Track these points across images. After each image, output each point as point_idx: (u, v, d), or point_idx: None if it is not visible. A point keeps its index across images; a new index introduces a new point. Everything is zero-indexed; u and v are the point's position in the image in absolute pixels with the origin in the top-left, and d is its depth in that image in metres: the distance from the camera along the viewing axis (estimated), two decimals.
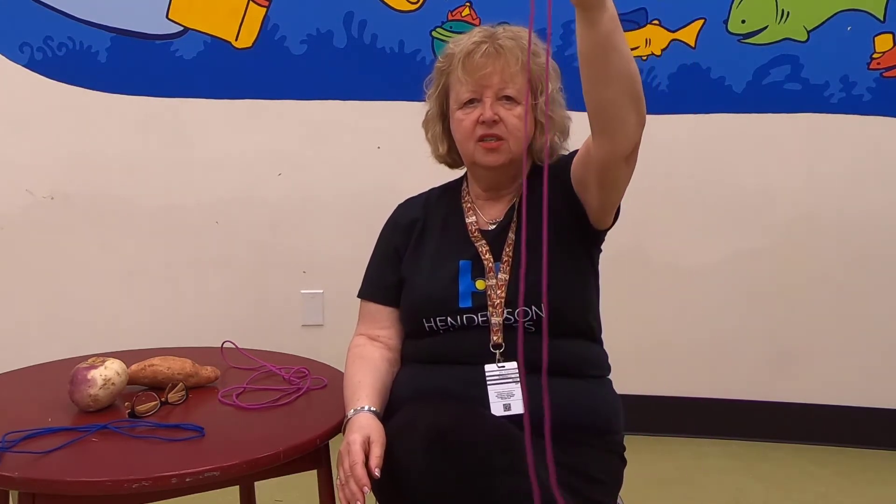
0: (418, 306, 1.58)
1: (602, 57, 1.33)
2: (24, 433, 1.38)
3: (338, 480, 1.37)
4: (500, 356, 1.50)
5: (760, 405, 3.05)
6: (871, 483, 2.76)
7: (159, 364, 1.61)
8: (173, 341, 2.03)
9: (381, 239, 1.73)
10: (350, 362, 1.60)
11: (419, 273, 1.61)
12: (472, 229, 1.62)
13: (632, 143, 1.43)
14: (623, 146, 1.42)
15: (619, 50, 1.32)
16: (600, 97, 1.38)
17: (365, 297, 1.69)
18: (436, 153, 1.70)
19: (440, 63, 1.64)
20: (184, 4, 2.84)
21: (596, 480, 1.49)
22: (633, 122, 1.40)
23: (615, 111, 1.38)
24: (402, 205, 1.75)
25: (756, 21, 2.83)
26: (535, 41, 1.59)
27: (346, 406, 1.49)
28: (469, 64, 1.55)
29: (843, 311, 2.98)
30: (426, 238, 1.65)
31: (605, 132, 1.42)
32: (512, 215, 1.61)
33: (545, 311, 1.42)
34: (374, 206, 1.85)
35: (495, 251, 1.58)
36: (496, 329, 1.52)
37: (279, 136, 2.95)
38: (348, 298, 1.72)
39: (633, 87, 1.36)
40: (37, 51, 2.83)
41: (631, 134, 1.41)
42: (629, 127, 1.40)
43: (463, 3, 2.85)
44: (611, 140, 1.42)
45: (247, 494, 1.96)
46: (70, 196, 2.93)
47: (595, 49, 1.32)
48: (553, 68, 1.62)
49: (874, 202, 2.92)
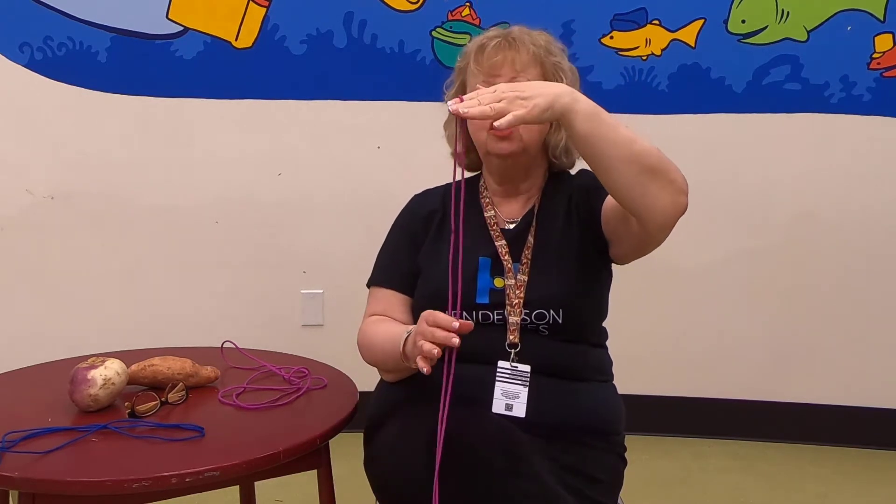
0: (435, 298, 1.53)
1: (591, 151, 1.33)
2: (24, 433, 1.38)
3: (419, 349, 1.31)
4: (514, 356, 1.50)
5: (760, 405, 3.05)
6: (871, 483, 2.76)
7: (159, 364, 1.61)
8: (173, 341, 2.03)
9: (395, 227, 1.71)
10: (370, 329, 1.59)
11: (437, 265, 1.58)
12: (490, 223, 1.62)
13: (668, 217, 1.36)
14: (658, 222, 1.37)
15: (609, 139, 1.31)
16: (611, 183, 1.36)
17: (378, 283, 1.66)
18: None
19: (459, 62, 1.64)
20: (184, 4, 2.84)
21: (596, 480, 1.50)
22: (665, 199, 1.34)
23: (634, 193, 1.34)
24: (419, 195, 1.74)
25: (756, 21, 2.83)
26: (549, 40, 1.60)
27: (394, 343, 1.46)
28: (481, 56, 1.56)
29: (844, 310, 2.98)
30: (445, 230, 1.63)
31: (635, 214, 1.38)
32: (531, 218, 1.61)
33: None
34: (374, 206, 1.86)
35: (514, 251, 1.57)
36: (513, 329, 1.51)
37: (279, 136, 2.95)
38: (348, 298, 1.73)
39: (643, 166, 1.32)
40: (37, 51, 2.83)
41: (665, 209, 1.35)
42: (661, 203, 1.34)
43: (463, 3, 2.85)
44: (642, 220, 1.38)
45: (247, 494, 1.96)
46: (70, 196, 2.93)
47: (582, 147, 1.33)
48: (570, 69, 1.61)
49: (874, 202, 2.92)
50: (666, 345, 3.01)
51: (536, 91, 1.28)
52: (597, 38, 2.86)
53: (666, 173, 1.35)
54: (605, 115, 1.33)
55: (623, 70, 2.88)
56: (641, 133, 1.39)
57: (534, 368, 1.49)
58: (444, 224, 1.64)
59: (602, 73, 2.85)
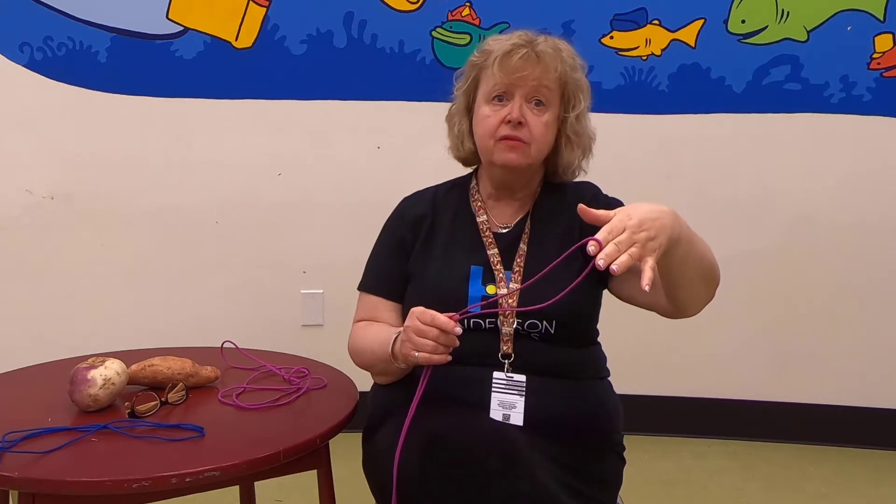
0: (426, 303, 1.56)
1: (675, 270, 1.40)
2: (24, 433, 1.37)
3: (417, 354, 1.37)
4: (508, 366, 1.50)
5: (760, 405, 3.05)
6: (871, 483, 2.76)
7: (159, 364, 1.61)
8: (173, 341, 2.03)
9: (385, 231, 1.70)
10: (360, 333, 1.62)
11: (428, 270, 1.59)
12: (483, 229, 1.61)
13: (701, 308, 1.51)
14: (692, 312, 1.51)
15: (695, 257, 1.40)
16: (670, 285, 1.44)
17: (366, 289, 1.67)
18: (457, 151, 1.67)
19: (475, 57, 1.61)
20: (184, 4, 2.84)
21: (596, 480, 1.50)
22: (707, 298, 1.49)
23: (685, 293, 1.46)
24: (408, 198, 1.73)
25: (756, 21, 2.83)
26: (573, 55, 1.59)
27: (383, 345, 1.49)
28: (506, 63, 1.53)
29: (843, 310, 2.98)
30: (435, 235, 1.64)
31: (675, 303, 1.49)
32: (524, 225, 1.61)
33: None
34: (374, 206, 1.85)
35: (506, 258, 1.57)
36: (506, 339, 1.51)
37: (279, 136, 2.95)
38: (348, 298, 1.72)
39: (707, 278, 1.45)
40: (37, 51, 2.83)
41: (703, 304, 1.50)
42: (703, 301, 1.49)
43: (463, 3, 2.85)
44: (679, 309, 1.50)
45: (247, 494, 1.96)
46: (70, 196, 2.93)
47: (668, 264, 1.37)
48: (586, 86, 1.61)
49: (874, 202, 2.92)
50: (666, 345, 3.01)
51: (658, 229, 1.28)
52: (597, 38, 2.86)
53: (717, 279, 1.48)
54: (694, 235, 1.41)
55: (623, 70, 2.88)
56: (641, 133, 1.39)
57: (529, 370, 1.49)
58: (433, 229, 1.64)
59: (602, 73, 2.85)
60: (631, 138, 2.86)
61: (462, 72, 1.65)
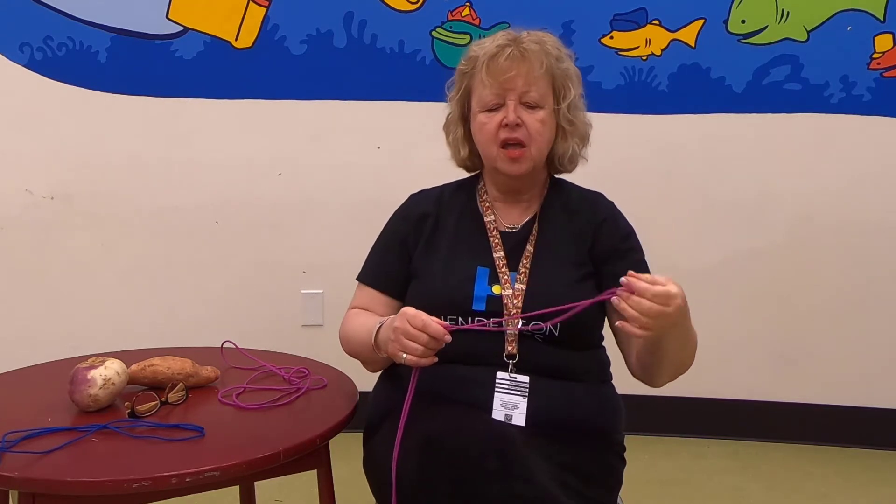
0: (431, 302, 1.54)
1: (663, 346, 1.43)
2: (24, 433, 1.37)
3: (405, 356, 1.39)
4: (512, 367, 1.50)
5: (760, 405, 3.05)
6: (871, 483, 2.76)
7: (159, 364, 1.61)
8: (173, 341, 2.02)
9: (388, 227, 1.72)
10: (350, 320, 1.64)
11: (433, 269, 1.59)
12: (490, 228, 1.62)
13: (659, 386, 1.56)
14: (650, 385, 1.56)
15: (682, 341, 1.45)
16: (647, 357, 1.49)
17: (364, 281, 1.69)
18: (456, 157, 1.69)
19: (462, 66, 1.62)
20: (184, 4, 2.84)
21: (595, 480, 1.50)
22: (667, 380, 1.54)
23: (657, 369, 1.51)
24: (414, 195, 1.74)
25: (756, 21, 2.83)
26: (558, 46, 1.59)
27: (369, 334, 1.51)
28: (493, 67, 1.55)
29: (843, 310, 2.98)
30: (440, 234, 1.64)
31: (641, 369, 1.54)
32: (531, 227, 1.61)
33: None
34: (374, 206, 1.85)
35: (512, 259, 1.57)
36: (511, 340, 1.52)
37: (279, 137, 2.95)
38: (348, 298, 1.72)
39: (685, 364, 1.51)
40: (37, 51, 2.83)
41: (661, 384, 1.55)
42: (663, 381, 1.54)
43: (463, 3, 2.85)
44: (642, 375, 1.56)
45: (247, 494, 1.96)
46: (70, 196, 2.93)
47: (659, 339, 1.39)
48: (575, 73, 1.62)
49: (874, 202, 2.92)
50: None
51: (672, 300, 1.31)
52: (597, 38, 2.86)
53: (686, 369, 1.52)
54: (689, 328, 1.45)
55: (623, 70, 2.88)
56: (641, 133, 1.39)
57: (533, 371, 1.49)
58: (437, 228, 1.65)
59: (602, 73, 2.85)
60: (631, 138, 2.86)
61: (452, 81, 1.66)
